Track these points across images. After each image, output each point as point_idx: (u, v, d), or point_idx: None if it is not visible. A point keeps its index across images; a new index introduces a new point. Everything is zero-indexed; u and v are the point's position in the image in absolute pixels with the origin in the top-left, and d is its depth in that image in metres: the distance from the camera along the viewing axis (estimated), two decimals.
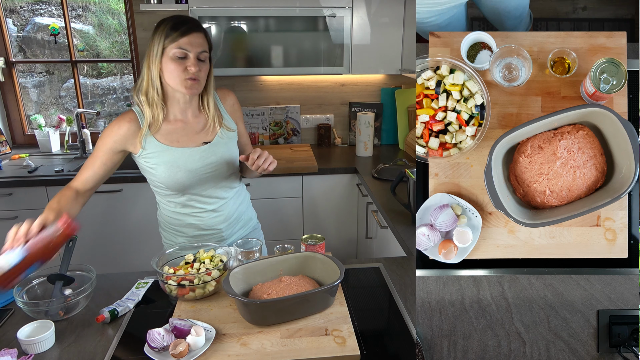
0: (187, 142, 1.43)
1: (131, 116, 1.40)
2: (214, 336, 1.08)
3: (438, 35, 1.14)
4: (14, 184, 2.48)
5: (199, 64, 1.33)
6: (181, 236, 1.55)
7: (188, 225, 1.53)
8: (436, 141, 1.10)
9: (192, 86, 1.34)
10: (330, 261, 1.26)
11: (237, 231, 1.61)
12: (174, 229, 1.56)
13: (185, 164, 1.41)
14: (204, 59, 1.35)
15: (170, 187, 1.44)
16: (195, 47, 1.31)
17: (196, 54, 1.32)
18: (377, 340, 1.12)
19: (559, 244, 1.11)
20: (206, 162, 1.44)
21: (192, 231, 1.54)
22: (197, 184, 1.45)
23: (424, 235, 1.09)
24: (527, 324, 1.14)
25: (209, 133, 1.46)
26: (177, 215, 1.52)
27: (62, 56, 3.18)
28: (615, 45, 1.11)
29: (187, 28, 1.31)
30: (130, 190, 2.58)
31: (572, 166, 1.06)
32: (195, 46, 1.31)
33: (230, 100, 1.54)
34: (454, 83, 1.08)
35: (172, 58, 1.31)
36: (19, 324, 1.14)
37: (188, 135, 1.44)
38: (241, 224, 1.62)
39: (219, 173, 1.48)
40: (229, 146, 1.49)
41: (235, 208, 1.58)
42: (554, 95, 1.12)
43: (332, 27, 2.65)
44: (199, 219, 1.52)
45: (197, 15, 2.54)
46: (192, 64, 1.31)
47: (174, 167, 1.41)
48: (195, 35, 1.32)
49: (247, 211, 1.66)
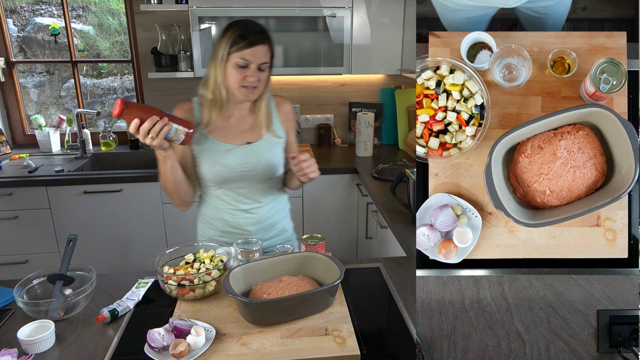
0: (232, 138, 1.48)
1: (187, 106, 1.49)
2: (214, 336, 1.08)
3: (438, 35, 1.14)
4: (14, 184, 2.48)
5: (259, 73, 1.38)
6: (212, 229, 1.59)
7: (220, 219, 1.56)
8: (436, 141, 1.10)
9: (249, 94, 1.40)
10: (330, 261, 1.26)
11: (269, 239, 1.60)
12: (207, 220, 1.60)
13: (225, 158, 1.46)
14: (264, 69, 1.39)
15: (207, 177, 1.50)
16: (258, 58, 1.35)
17: (257, 64, 1.36)
18: (377, 340, 1.12)
19: (559, 244, 1.11)
20: (245, 160, 1.47)
21: (222, 226, 1.57)
22: (233, 180, 1.49)
23: (424, 235, 1.09)
24: (527, 324, 1.14)
25: (254, 134, 1.50)
26: (212, 207, 1.57)
27: (62, 56, 3.18)
28: (615, 45, 1.11)
29: (253, 40, 1.34)
30: (130, 190, 2.58)
31: (572, 166, 1.06)
32: (258, 57, 1.35)
33: (285, 109, 1.57)
34: (454, 83, 1.08)
35: (234, 65, 1.36)
36: (19, 324, 1.14)
37: (235, 132, 1.49)
38: (274, 233, 1.61)
39: (255, 174, 1.50)
40: (271, 151, 1.51)
41: (269, 215, 1.58)
42: (554, 95, 1.12)
43: (332, 27, 2.65)
44: (231, 216, 1.55)
45: (197, 15, 2.54)
46: (252, 74, 1.36)
47: (213, 160, 1.47)
48: (260, 47, 1.35)
49: (282, 221, 1.65)
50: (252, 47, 1.34)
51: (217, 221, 1.57)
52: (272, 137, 1.51)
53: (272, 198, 1.58)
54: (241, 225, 1.55)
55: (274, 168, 1.52)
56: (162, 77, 2.85)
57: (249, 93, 1.39)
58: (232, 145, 1.47)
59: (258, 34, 1.36)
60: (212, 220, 1.59)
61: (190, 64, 2.77)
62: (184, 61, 2.77)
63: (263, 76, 1.39)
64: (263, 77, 1.40)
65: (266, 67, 1.39)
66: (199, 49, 2.61)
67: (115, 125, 3.35)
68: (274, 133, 1.52)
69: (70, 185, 2.52)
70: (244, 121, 1.50)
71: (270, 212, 1.58)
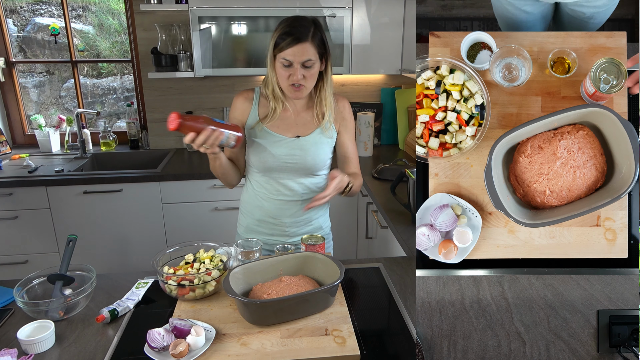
0: (284, 130, 1.51)
1: (249, 94, 1.54)
2: (214, 336, 1.08)
3: (438, 35, 1.14)
4: (14, 184, 2.48)
5: (304, 70, 1.39)
6: (250, 217, 1.62)
7: (259, 207, 1.59)
8: (436, 141, 1.10)
9: (296, 92, 1.43)
10: (330, 261, 1.26)
11: (303, 234, 1.60)
12: (247, 208, 1.63)
13: (272, 147, 1.49)
14: (309, 65, 1.39)
15: (254, 164, 1.54)
16: (299, 56, 1.36)
17: (300, 63, 1.37)
18: (377, 340, 1.12)
19: (559, 244, 1.11)
20: (291, 153, 1.50)
21: (260, 214, 1.59)
22: (276, 170, 1.52)
23: (424, 235, 1.09)
24: (527, 324, 1.14)
25: (306, 128, 1.53)
26: (253, 194, 1.60)
27: (62, 56, 3.18)
28: (615, 45, 1.11)
29: (292, 40, 1.36)
30: (130, 190, 2.58)
31: (572, 166, 1.06)
32: (299, 56, 1.36)
33: (340, 107, 1.58)
34: (454, 83, 1.08)
35: (280, 65, 1.39)
36: (19, 324, 1.14)
37: (287, 125, 1.52)
38: (310, 229, 1.62)
39: (299, 167, 1.52)
40: (318, 147, 1.53)
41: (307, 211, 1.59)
42: (554, 95, 1.12)
43: (332, 27, 2.65)
44: (270, 204, 1.57)
45: (197, 15, 2.54)
46: (295, 72, 1.38)
47: (262, 147, 1.50)
48: (300, 45, 1.36)
49: (319, 219, 1.66)
50: (292, 46, 1.35)
51: (256, 209, 1.60)
52: (322, 134, 1.53)
53: (313, 194, 1.58)
54: (278, 216, 1.57)
55: (318, 164, 1.54)
56: (162, 77, 2.85)
57: (296, 91, 1.42)
58: (282, 136, 1.50)
59: (300, 31, 1.37)
60: (252, 208, 1.61)
61: (190, 64, 2.77)
62: (184, 61, 2.77)
63: (309, 73, 1.40)
64: (309, 74, 1.40)
65: (311, 64, 1.39)
66: (199, 49, 2.61)
67: (115, 125, 3.35)
68: (325, 131, 1.53)
69: (70, 185, 2.52)
70: (299, 116, 1.53)
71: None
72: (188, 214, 2.66)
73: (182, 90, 3.02)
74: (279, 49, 1.37)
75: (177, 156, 2.94)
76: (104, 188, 2.56)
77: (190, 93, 3.02)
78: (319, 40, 1.40)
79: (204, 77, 2.89)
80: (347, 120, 1.59)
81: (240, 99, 1.53)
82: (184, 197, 2.62)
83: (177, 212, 2.65)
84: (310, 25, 1.39)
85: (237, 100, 1.54)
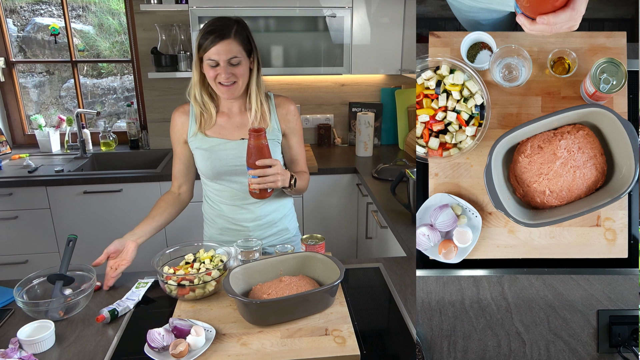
0: (227, 134, 1.50)
1: (183, 109, 1.54)
2: (214, 336, 1.08)
3: (438, 35, 1.14)
4: (14, 184, 2.48)
5: (232, 68, 1.37)
6: (213, 227, 1.62)
7: (220, 216, 1.59)
8: (436, 141, 1.10)
9: (227, 91, 1.41)
10: (330, 261, 1.26)
11: (268, 237, 1.60)
12: (209, 218, 1.64)
13: (218, 152, 1.49)
14: (236, 63, 1.37)
15: (203, 172, 1.54)
16: (224, 54, 1.35)
17: (225, 61, 1.36)
18: (377, 340, 1.12)
19: (559, 244, 1.11)
20: (238, 155, 1.48)
21: (222, 222, 1.59)
22: (227, 174, 1.51)
23: (424, 235, 1.09)
24: (527, 324, 1.14)
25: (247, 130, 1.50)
26: (212, 203, 1.60)
27: (62, 56, 3.18)
28: (615, 45, 1.11)
29: (214, 38, 1.34)
30: (130, 190, 2.58)
31: (572, 166, 1.06)
32: (224, 54, 1.35)
33: (284, 109, 1.54)
34: (454, 83, 1.08)
35: (207, 65, 1.38)
36: (19, 324, 1.14)
37: (229, 128, 1.51)
38: (273, 231, 1.61)
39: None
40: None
41: (267, 212, 1.58)
42: (554, 95, 1.12)
43: (332, 27, 2.65)
44: (229, 210, 1.56)
45: (197, 15, 2.54)
46: (222, 71, 1.37)
47: (207, 153, 1.49)
48: (223, 43, 1.34)
49: (283, 220, 1.63)
50: (216, 44, 1.34)
51: (217, 218, 1.60)
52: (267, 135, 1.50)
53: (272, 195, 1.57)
54: (240, 222, 1.56)
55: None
56: (162, 77, 2.85)
57: (227, 90, 1.40)
58: (225, 140, 1.49)
59: (221, 29, 1.35)
60: (213, 217, 1.61)
61: (190, 64, 2.77)
62: (184, 61, 2.77)
63: (238, 71, 1.38)
64: (238, 71, 1.38)
65: (238, 61, 1.37)
66: None
67: (115, 125, 3.35)
68: (270, 132, 1.51)
69: (70, 185, 2.52)
70: (239, 117, 1.51)
71: (268, 210, 1.58)
72: (188, 214, 2.65)
73: (182, 90, 2.98)
74: (203, 50, 1.35)
75: None
76: (104, 188, 2.56)
77: None
78: (243, 38, 1.39)
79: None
80: (291, 122, 1.56)
81: (176, 115, 1.53)
82: None
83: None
84: (232, 24, 1.38)
85: (174, 117, 1.54)
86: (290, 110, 1.56)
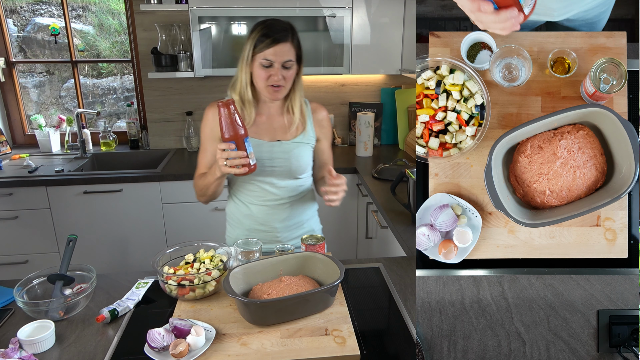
0: (263, 135, 1.51)
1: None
2: (214, 336, 1.08)
3: (438, 35, 1.14)
4: (14, 184, 2.48)
5: (284, 71, 1.40)
6: (240, 227, 1.61)
7: (248, 216, 1.58)
8: (436, 141, 1.10)
9: (275, 93, 1.43)
10: (330, 261, 1.26)
11: (295, 238, 1.61)
12: (235, 219, 1.62)
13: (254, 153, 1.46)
14: (289, 66, 1.41)
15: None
16: (280, 56, 1.38)
17: (281, 63, 1.39)
18: (377, 340, 1.12)
19: (559, 244, 1.11)
20: (272, 156, 1.50)
21: (250, 223, 1.58)
22: (260, 174, 1.50)
23: (424, 235, 1.09)
24: (527, 324, 1.14)
25: (286, 134, 1.53)
26: (241, 203, 1.59)
27: (62, 56, 3.18)
28: (615, 45, 1.11)
29: (274, 39, 1.36)
30: (130, 190, 2.58)
31: (572, 166, 1.06)
32: (280, 56, 1.38)
33: (320, 116, 1.59)
34: (454, 83, 1.08)
35: (259, 65, 1.39)
36: (19, 324, 1.14)
37: (267, 129, 1.52)
38: (300, 232, 1.62)
39: (283, 171, 1.52)
40: (300, 151, 1.53)
41: (296, 213, 1.60)
42: (554, 95, 1.12)
43: (332, 27, 2.65)
44: (258, 211, 1.56)
45: (197, 15, 2.54)
46: (276, 73, 1.39)
47: None
48: (282, 45, 1.37)
49: (309, 222, 1.67)
50: (274, 46, 1.36)
51: (245, 218, 1.59)
52: (303, 139, 1.54)
53: (299, 197, 1.59)
54: (268, 222, 1.57)
55: (302, 166, 1.55)
56: (162, 77, 2.85)
57: (275, 92, 1.42)
58: (261, 140, 1.50)
59: (280, 32, 1.38)
60: (240, 218, 1.60)
61: (190, 64, 2.77)
62: (184, 61, 2.77)
63: (288, 74, 1.42)
64: (288, 75, 1.42)
65: (291, 64, 1.41)
66: (199, 49, 2.61)
67: (115, 125, 3.35)
68: (306, 136, 1.54)
69: (70, 185, 2.52)
70: (277, 120, 1.53)
71: (297, 211, 1.60)
72: (188, 214, 2.66)
73: (182, 90, 3.02)
74: (258, 49, 1.38)
75: (177, 156, 2.94)
76: (104, 188, 2.56)
77: (190, 93, 3.03)
78: (296, 43, 1.42)
79: (204, 77, 2.89)
80: (325, 128, 1.61)
81: (211, 111, 1.52)
82: (184, 197, 2.62)
83: (177, 212, 2.65)
84: (289, 28, 1.41)
85: (209, 113, 1.52)
86: (325, 117, 1.61)
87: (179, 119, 3.05)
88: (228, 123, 1.29)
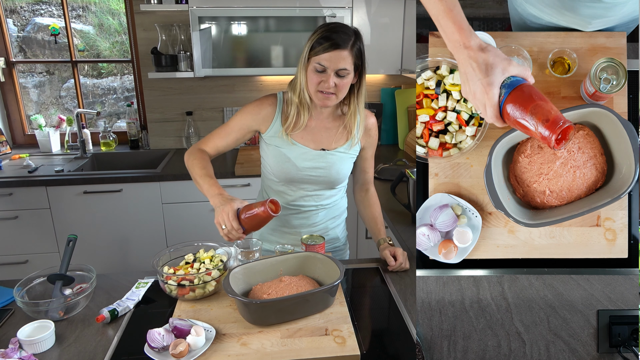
0: (308, 142, 1.47)
1: (272, 100, 1.49)
2: (214, 336, 1.08)
3: (438, 35, 1.14)
4: (14, 184, 2.48)
5: (336, 79, 1.34)
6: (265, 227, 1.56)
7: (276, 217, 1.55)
8: (436, 141, 1.10)
9: (325, 100, 1.38)
10: (330, 261, 1.26)
11: None
12: None
13: (296, 159, 1.46)
14: (343, 75, 1.34)
15: (274, 173, 1.49)
16: (335, 63, 1.32)
17: (334, 70, 1.33)
18: (377, 340, 1.12)
19: (559, 244, 1.11)
20: (315, 166, 1.47)
21: (275, 223, 1.56)
22: (298, 182, 1.49)
23: (424, 235, 1.09)
24: (527, 324, 1.14)
25: (331, 142, 1.49)
26: None
27: (62, 56, 3.18)
28: (615, 45, 1.11)
29: (332, 44, 1.31)
30: (130, 190, 2.58)
31: (572, 166, 1.06)
32: (335, 62, 1.31)
33: (368, 124, 1.54)
34: (454, 83, 1.08)
35: (312, 69, 1.35)
36: (19, 324, 1.14)
37: (312, 136, 1.48)
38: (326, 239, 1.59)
39: (322, 180, 1.49)
40: (343, 162, 1.51)
41: (324, 220, 1.59)
42: (554, 95, 1.12)
43: None
44: (287, 213, 1.54)
45: (197, 15, 2.54)
46: (327, 79, 1.33)
47: (284, 157, 1.46)
48: (338, 52, 1.31)
49: (335, 229, 1.64)
50: (330, 51, 1.31)
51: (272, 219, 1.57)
52: (348, 149, 1.50)
53: (331, 204, 1.58)
54: (295, 226, 1.55)
55: (341, 178, 1.53)
56: (162, 77, 2.85)
57: (325, 99, 1.37)
58: (307, 148, 1.46)
59: (340, 37, 1.32)
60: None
61: (190, 64, 2.77)
62: (184, 61, 2.77)
63: (342, 82, 1.35)
64: (341, 83, 1.35)
65: (345, 73, 1.34)
66: (199, 49, 2.61)
67: (115, 125, 3.35)
68: (352, 147, 1.51)
69: (70, 185, 2.52)
70: (323, 127, 1.48)
71: (325, 218, 1.58)
72: (188, 214, 2.66)
73: (182, 90, 3.02)
74: (314, 52, 1.32)
75: (177, 156, 2.94)
76: (104, 188, 2.56)
77: (191, 93, 3.03)
78: (357, 51, 1.36)
79: (204, 77, 2.89)
80: (372, 137, 1.57)
81: (265, 104, 1.47)
82: (184, 197, 2.62)
83: (177, 212, 2.65)
84: (351, 34, 1.34)
85: (263, 104, 1.47)
86: (373, 125, 1.56)
87: (179, 119, 3.05)
88: (257, 223, 1.28)
